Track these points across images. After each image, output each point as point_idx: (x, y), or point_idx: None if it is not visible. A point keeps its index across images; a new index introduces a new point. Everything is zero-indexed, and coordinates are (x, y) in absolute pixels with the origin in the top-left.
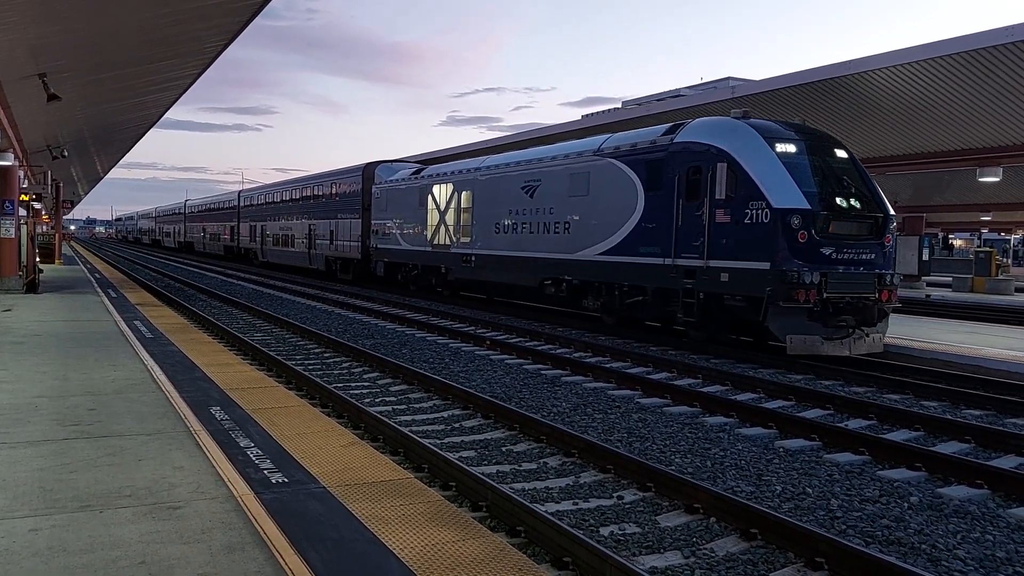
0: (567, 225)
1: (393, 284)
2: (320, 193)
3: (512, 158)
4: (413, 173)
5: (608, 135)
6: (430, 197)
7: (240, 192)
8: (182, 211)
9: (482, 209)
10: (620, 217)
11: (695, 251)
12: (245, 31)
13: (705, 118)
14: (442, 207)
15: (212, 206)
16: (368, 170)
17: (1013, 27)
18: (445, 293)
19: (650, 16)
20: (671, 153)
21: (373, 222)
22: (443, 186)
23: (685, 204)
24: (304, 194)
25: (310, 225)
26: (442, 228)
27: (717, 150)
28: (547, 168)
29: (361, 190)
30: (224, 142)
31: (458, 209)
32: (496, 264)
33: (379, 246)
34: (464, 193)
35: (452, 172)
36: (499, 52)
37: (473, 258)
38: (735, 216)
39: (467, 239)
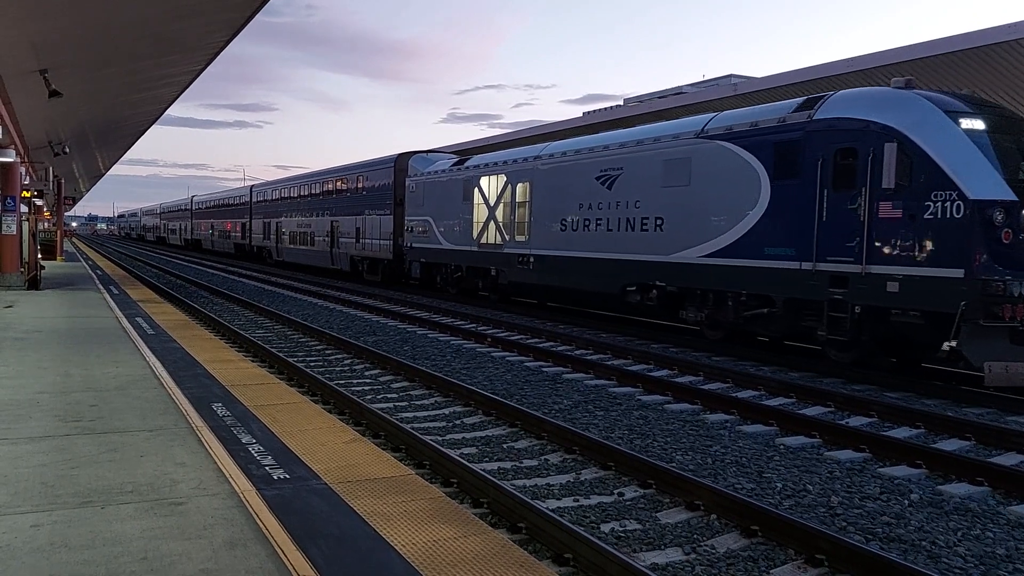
0: (659, 221)
1: (430, 287)
2: (345, 187)
3: (583, 144)
4: (454, 164)
5: (712, 114)
6: (476, 190)
7: (252, 187)
8: (189, 207)
9: (543, 203)
10: (735, 211)
11: (847, 253)
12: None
13: (855, 89)
14: (492, 201)
15: (222, 202)
16: (401, 161)
17: (1016, 24)
18: (493, 298)
19: (650, 14)
20: (809, 133)
21: (407, 219)
22: (493, 177)
23: (832, 195)
24: (326, 188)
25: (332, 222)
26: (492, 225)
27: (881, 127)
28: (631, 154)
29: (392, 183)
30: (225, 139)
31: (512, 203)
32: (562, 266)
33: (414, 245)
34: (520, 185)
35: (505, 161)
36: (499, 49)
37: (531, 259)
38: (910, 210)
39: (523, 237)
